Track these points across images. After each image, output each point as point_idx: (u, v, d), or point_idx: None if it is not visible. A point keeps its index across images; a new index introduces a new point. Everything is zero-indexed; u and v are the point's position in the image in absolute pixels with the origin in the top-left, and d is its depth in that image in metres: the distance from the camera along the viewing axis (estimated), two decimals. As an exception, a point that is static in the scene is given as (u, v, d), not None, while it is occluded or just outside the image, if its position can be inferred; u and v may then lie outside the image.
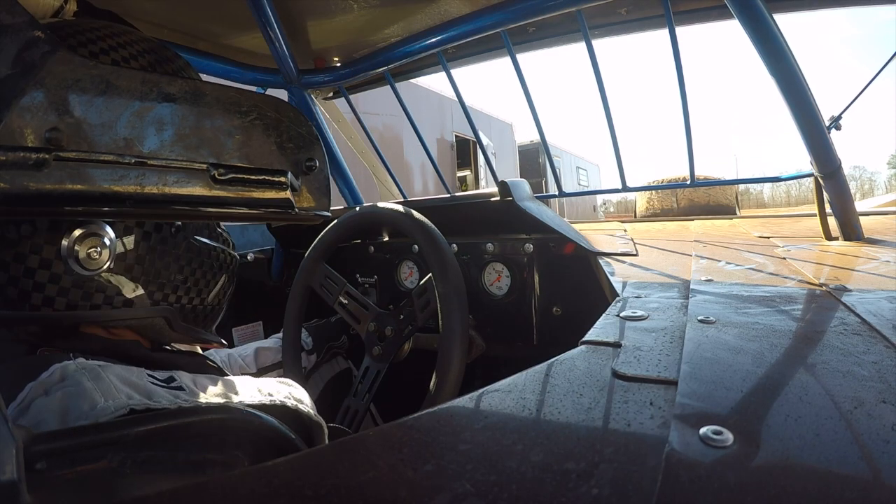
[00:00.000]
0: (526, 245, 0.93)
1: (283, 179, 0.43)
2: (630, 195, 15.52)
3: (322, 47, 1.17)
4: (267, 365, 0.95)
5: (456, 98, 1.19)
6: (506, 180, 0.87)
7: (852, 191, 0.82)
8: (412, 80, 1.39)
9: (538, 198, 0.94)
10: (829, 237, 0.84)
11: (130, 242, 0.42)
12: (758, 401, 0.29)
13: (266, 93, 0.67)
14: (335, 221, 0.94)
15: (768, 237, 0.91)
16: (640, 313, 0.48)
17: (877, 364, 0.33)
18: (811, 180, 0.85)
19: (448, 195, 1.00)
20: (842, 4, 0.83)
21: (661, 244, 0.90)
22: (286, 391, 0.44)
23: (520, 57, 1.05)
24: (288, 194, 0.44)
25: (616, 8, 0.93)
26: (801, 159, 0.87)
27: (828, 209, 0.84)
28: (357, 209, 0.93)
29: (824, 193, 0.82)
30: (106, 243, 0.40)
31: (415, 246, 1.05)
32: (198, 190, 0.40)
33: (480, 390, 0.32)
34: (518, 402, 0.30)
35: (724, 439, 0.25)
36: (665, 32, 0.88)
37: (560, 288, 0.91)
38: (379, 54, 1.16)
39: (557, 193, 1.19)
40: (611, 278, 0.67)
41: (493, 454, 0.24)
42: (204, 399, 0.38)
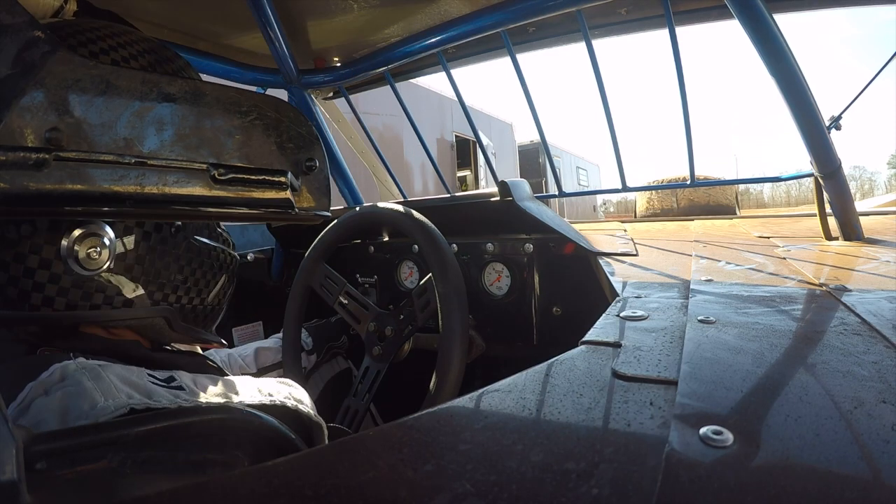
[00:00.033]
0: (526, 245, 0.93)
1: (283, 179, 0.43)
2: (630, 195, 15.52)
3: (322, 47, 1.17)
4: (267, 365, 0.95)
5: (456, 98, 1.19)
6: (506, 180, 0.87)
7: (852, 191, 0.82)
8: (412, 80, 1.39)
9: (538, 198, 0.94)
10: (829, 237, 0.84)
11: (130, 242, 0.42)
12: (758, 401, 0.29)
13: (266, 93, 0.67)
14: (335, 221, 0.94)
15: (768, 237, 0.91)
16: (640, 313, 0.48)
17: (877, 364, 0.33)
18: (811, 180, 0.85)
19: (448, 195, 1.00)
20: (842, 4, 0.83)
21: (661, 244, 0.90)
22: (286, 391, 0.44)
23: (520, 57, 1.05)
24: (288, 194, 0.44)
25: (616, 8, 0.93)
26: (801, 159, 0.87)
27: (828, 209, 0.84)
28: (357, 209, 0.93)
29: (824, 193, 0.83)
30: (106, 243, 0.40)
31: (415, 246, 1.05)
32: (198, 190, 0.40)
33: (480, 390, 0.32)
34: (518, 402, 0.30)
35: (724, 439, 0.25)
36: (665, 32, 0.88)
37: (560, 288, 0.91)
38: (379, 54, 1.16)
39: (557, 193, 1.19)
40: (611, 278, 0.67)
41: (493, 454, 0.24)
42: (204, 399, 0.38)
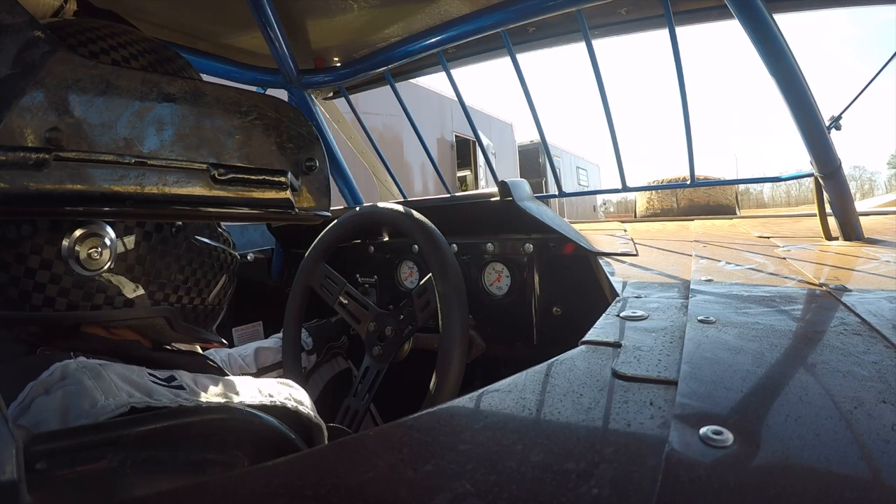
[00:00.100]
0: (526, 245, 0.93)
1: (283, 179, 0.43)
2: (630, 195, 15.52)
3: (322, 47, 1.17)
4: (267, 365, 0.95)
5: (456, 98, 1.19)
6: (506, 180, 0.87)
7: (852, 191, 0.82)
8: (412, 80, 1.39)
9: (538, 198, 0.94)
10: (829, 237, 0.84)
11: (131, 242, 0.42)
12: (758, 401, 0.29)
13: (266, 93, 0.67)
14: (335, 221, 0.94)
15: (768, 237, 0.91)
16: (640, 313, 0.48)
17: (877, 364, 0.33)
18: (811, 180, 0.85)
19: (448, 195, 1.00)
20: (842, 4, 0.83)
21: (661, 244, 0.90)
22: (287, 392, 0.44)
23: (520, 57, 1.05)
24: (288, 194, 0.44)
25: (616, 8, 0.93)
26: (801, 159, 0.87)
27: (828, 209, 0.84)
28: (357, 209, 0.93)
29: (824, 193, 0.82)
30: (107, 243, 0.40)
31: (415, 246, 1.05)
32: (198, 190, 0.40)
33: (480, 390, 0.32)
34: (518, 402, 0.30)
35: (724, 439, 0.25)
36: (665, 32, 0.88)
37: (560, 288, 0.91)
38: (379, 54, 1.16)
39: (557, 193, 1.19)
40: (611, 278, 0.67)
41: (493, 454, 0.24)
42: (204, 399, 0.38)
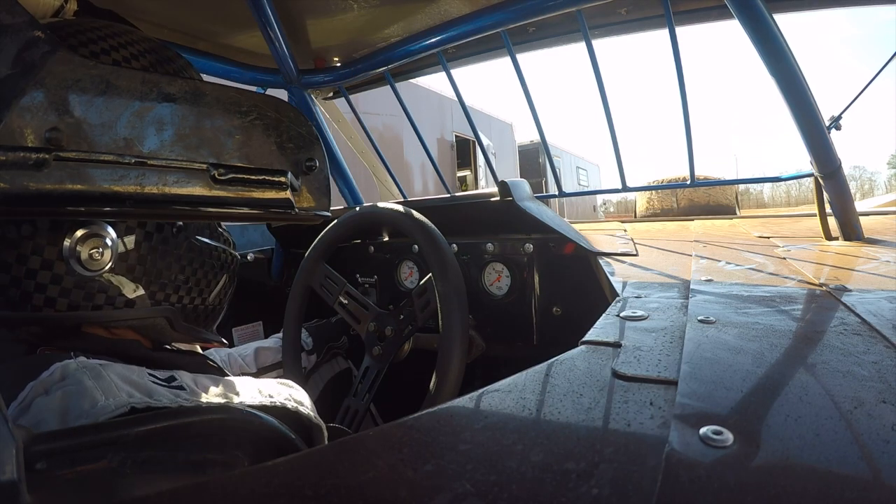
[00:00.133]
0: (526, 245, 0.93)
1: (283, 179, 0.43)
2: (630, 195, 15.52)
3: (322, 47, 1.17)
4: (267, 365, 0.95)
5: (456, 98, 1.19)
6: (506, 180, 0.87)
7: (852, 191, 0.82)
8: (412, 80, 1.39)
9: (538, 198, 0.94)
10: (829, 237, 0.84)
11: (132, 243, 0.42)
12: (758, 401, 0.29)
13: (266, 93, 0.67)
14: (335, 221, 0.94)
15: (768, 237, 0.91)
16: (640, 313, 0.48)
17: (877, 364, 0.33)
18: (811, 180, 0.85)
19: (448, 195, 1.00)
20: (842, 4, 0.83)
21: (661, 244, 0.90)
22: (287, 393, 0.44)
23: (520, 57, 1.05)
24: (288, 194, 0.44)
25: (616, 8, 0.93)
26: (801, 159, 0.87)
27: (828, 209, 0.84)
28: (357, 209, 0.93)
29: (824, 193, 0.83)
30: (108, 244, 0.40)
31: (415, 246, 1.05)
32: (198, 190, 0.40)
33: (480, 390, 0.32)
34: (518, 402, 0.30)
35: (724, 439, 0.25)
36: (665, 32, 0.88)
37: (560, 288, 0.91)
38: (379, 54, 1.16)
39: (557, 193, 1.19)
40: (611, 278, 0.67)
41: (493, 454, 0.24)
42: (204, 399, 0.38)
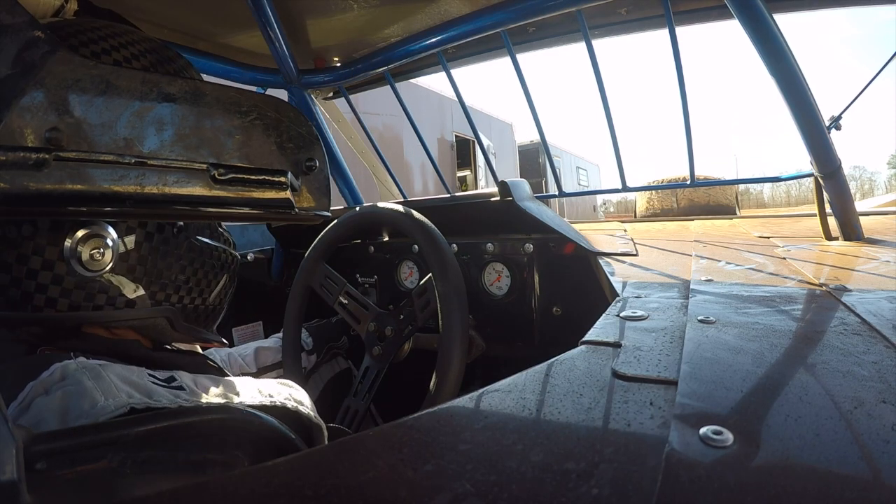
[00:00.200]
0: (526, 245, 0.93)
1: (283, 179, 0.43)
2: (630, 195, 15.52)
3: (322, 47, 1.17)
4: (267, 365, 0.95)
5: (456, 98, 1.19)
6: (506, 180, 0.87)
7: (852, 191, 0.82)
8: (412, 80, 1.39)
9: (538, 198, 0.94)
10: (829, 237, 0.84)
11: (132, 243, 0.42)
12: (758, 401, 0.29)
13: (266, 93, 0.67)
14: (335, 221, 0.94)
15: (768, 237, 0.91)
16: (640, 313, 0.48)
17: (877, 364, 0.33)
18: (811, 180, 0.85)
19: (448, 195, 1.00)
20: (842, 4, 0.83)
21: (661, 244, 0.90)
22: (287, 393, 0.44)
23: (520, 57, 1.05)
24: (288, 194, 0.44)
25: (616, 8, 0.93)
26: (801, 159, 0.87)
27: (828, 209, 0.84)
28: (357, 209, 0.93)
29: (824, 193, 0.82)
30: (108, 244, 0.40)
31: (415, 246, 1.05)
32: (198, 190, 0.40)
33: (480, 390, 0.32)
34: (518, 402, 0.30)
35: (724, 439, 0.25)
36: (665, 32, 0.88)
37: (560, 288, 0.91)
38: (379, 54, 1.16)
39: (557, 193, 1.19)
40: (611, 278, 0.67)
41: (493, 454, 0.24)
42: (204, 399, 0.38)
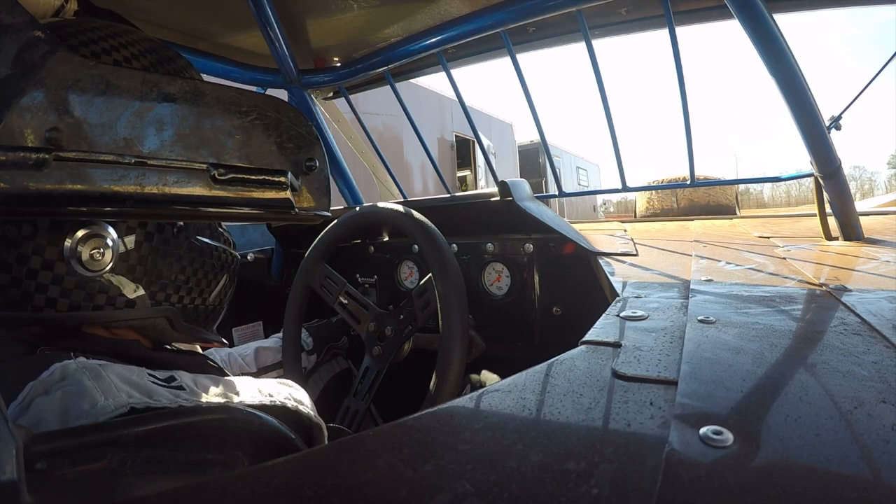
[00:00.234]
0: (526, 245, 0.93)
1: (283, 179, 0.43)
2: (630, 195, 15.52)
3: (322, 47, 1.17)
4: (267, 365, 0.95)
5: (456, 98, 1.19)
6: (506, 180, 0.87)
7: (852, 191, 0.82)
8: (412, 80, 1.39)
9: (538, 198, 0.94)
10: (829, 237, 0.84)
11: (132, 243, 0.42)
12: (758, 401, 0.29)
13: (266, 93, 0.67)
14: (335, 221, 0.94)
15: (768, 237, 0.91)
16: (640, 313, 0.48)
17: (877, 364, 0.33)
18: (811, 180, 0.85)
19: (448, 195, 1.00)
20: (842, 4, 0.83)
21: (661, 244, 0.90)
22: (286, 392, 0.44)
23: (520, 57, 1.05)
24: (288, 194, 0.44)
25: (616, 8, 0.93)
26: (801, 159, 0.87)
27: (828, 209, 0.84)
28: (357, 209, 0.93)
29: (824, 193, 0.82)
30: (109, 244, 0.40)
31: (415, 246, 1.05)
32: (198, 190, 0.40)
33: (480, 390, 0.32)
34: (518, 402, 0.30)
35: (724, 439, 0.25)
36: (665, 32, 0.88)
37: (560, 288, 0.91)
38: (379, 54, 1.16)
39: (557, 193, 1.19)
40: (611, 278, 0.67)
41: (493, 454, 0.24)
42: (204, 399, 0.38)
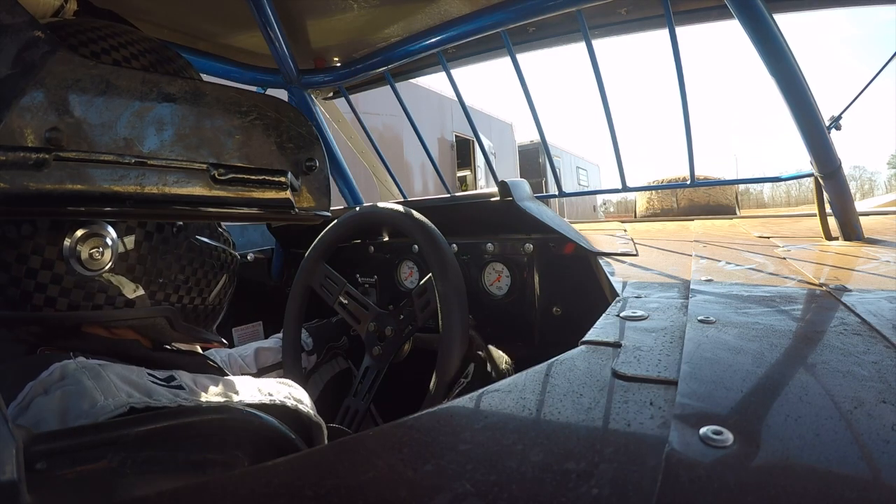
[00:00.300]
0: (526, 245, 0.93)
1: (283, 179, 0.43)
2: (630, 195, 15.53)
3: (322, 47, 1.17)
4: (267, 365, 0.95)
5: (456, 98, 1.19)
6: (506, 180, 0.87)
7: (852, 191, 0.82)
8: (412, 80, 1.39)
9: (538, 198, 0.94)
10: (829, 237, 0.84)
11: (132, 243, 0.42)
12: (758, 401, 0.29)
13: (266, 93, 0.67)
14: (335, 221, 0.94)
15: (768, 237, 0.91)
16: (640, 313, 0.48)
17: (877, 364, 0.33)
18: (811, 180, 0.85)
19: (448, 195, 1.00)
20: (842, 4, 0.83)
21: (661, 244, 0.90)
22: (286, 391, 0.44)
23: (520, 57, 1.05)
24: (288, 194, 0.44)
25: (616, 8, 0.93)
26: (801, 159, 0.87)
27: (828, 209, 0.84)
28: (357, 209, 0.93)
29: (824, 193, 0.82)
30: (108, 243, 0.40)
31: (415, 246, 1.05)
32: (198, 190, 0.40)
33: (480, 390, 0.32)
34: (518, 402, 0.30)
35: (724, 439, 0.25)
36: (665, 32, 0.88)
37: (560, 288, 0.91)
38: (379, 54, 1.16)
39: (557, 193, 1.19)
40: (611, 278, 0.67)
41: (493, 454, 0.24)
42: (204, 398, 0.38)
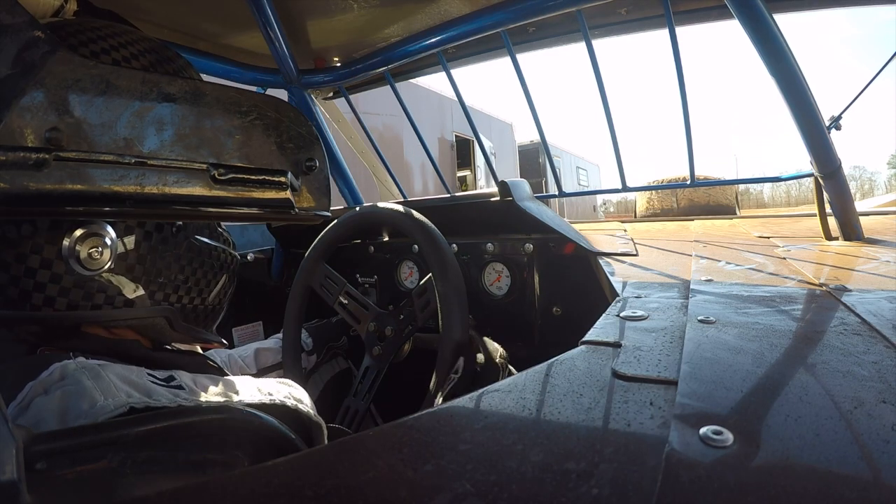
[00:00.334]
0: (526, 245, 0.93)
1: (283, 179, 0.43)
2: (630, 195, 15.53)
3: (322, 47, 1.17)
4: (267, 365, 0.95)
5: (456, 98, 1.19)
6: (506, 180, 0.87)
7: (852, 191, 0.82)
8: (412, 80, 1.39)
9: (538, 198, 0.94)
10: (829, 237, 0.84)
11: (131, 242, 0.42)
12: (758, 401, 0.29)
13: (266, 93, 0.67)
14: (335, 221, 0.94)
15: (768, 237, 0.91)
16: (640, 313, 0.48)
17: (877, 364, 0.33)
18: (811, 180, 0.85)
19: (448, 195, 1.00)
20: (842, 4, 0.83)
21: (661, 244, 0.90)
22: (286, 391, 0.44)
23: (520, 57, 1.05)
24: (288, 194, 0.44)
25: (616, 8, 0.93)
26: (801, 159, 0.87)
27: (828, 209, 0.84)
28: (357, 209, 0.93)
29: (824, 193, 0.83)
30: (107, 243, 0.40)
31: (415, 246, 1.05)
32: (198, 190, 0.40)
33: (480, 390, 0.32)
34: (518, 402, 0.30)
35: (724, 439, 0.25)
36: (665, 32, 0.88)
37: (560, 288, 0.91)
38: (379, 54, 1.16)
39: (557, 193, 1.19)
40: (611, 278, 0.67)
41: (493, 454, 0.24)
42: (204, 398, 0.38)
